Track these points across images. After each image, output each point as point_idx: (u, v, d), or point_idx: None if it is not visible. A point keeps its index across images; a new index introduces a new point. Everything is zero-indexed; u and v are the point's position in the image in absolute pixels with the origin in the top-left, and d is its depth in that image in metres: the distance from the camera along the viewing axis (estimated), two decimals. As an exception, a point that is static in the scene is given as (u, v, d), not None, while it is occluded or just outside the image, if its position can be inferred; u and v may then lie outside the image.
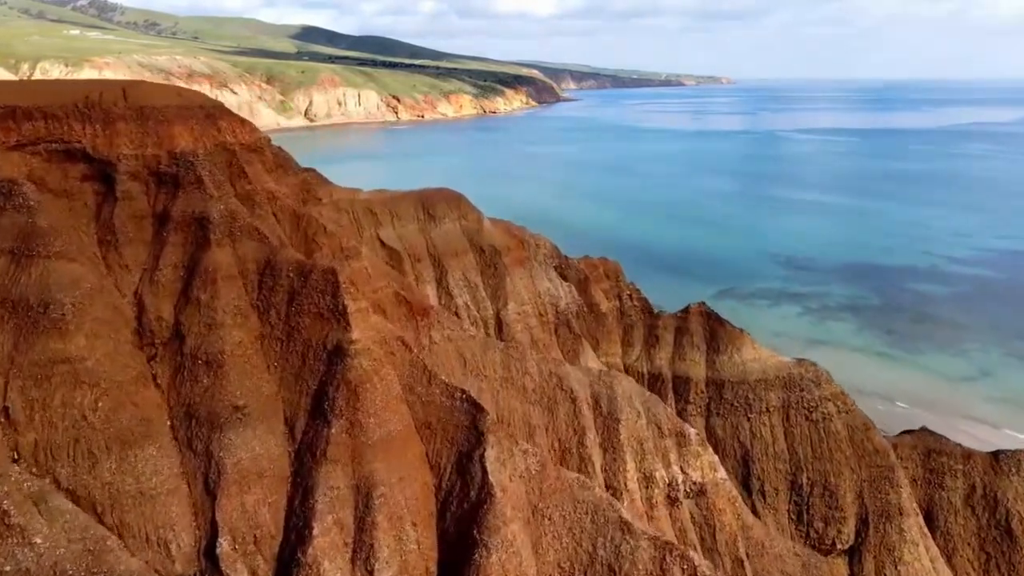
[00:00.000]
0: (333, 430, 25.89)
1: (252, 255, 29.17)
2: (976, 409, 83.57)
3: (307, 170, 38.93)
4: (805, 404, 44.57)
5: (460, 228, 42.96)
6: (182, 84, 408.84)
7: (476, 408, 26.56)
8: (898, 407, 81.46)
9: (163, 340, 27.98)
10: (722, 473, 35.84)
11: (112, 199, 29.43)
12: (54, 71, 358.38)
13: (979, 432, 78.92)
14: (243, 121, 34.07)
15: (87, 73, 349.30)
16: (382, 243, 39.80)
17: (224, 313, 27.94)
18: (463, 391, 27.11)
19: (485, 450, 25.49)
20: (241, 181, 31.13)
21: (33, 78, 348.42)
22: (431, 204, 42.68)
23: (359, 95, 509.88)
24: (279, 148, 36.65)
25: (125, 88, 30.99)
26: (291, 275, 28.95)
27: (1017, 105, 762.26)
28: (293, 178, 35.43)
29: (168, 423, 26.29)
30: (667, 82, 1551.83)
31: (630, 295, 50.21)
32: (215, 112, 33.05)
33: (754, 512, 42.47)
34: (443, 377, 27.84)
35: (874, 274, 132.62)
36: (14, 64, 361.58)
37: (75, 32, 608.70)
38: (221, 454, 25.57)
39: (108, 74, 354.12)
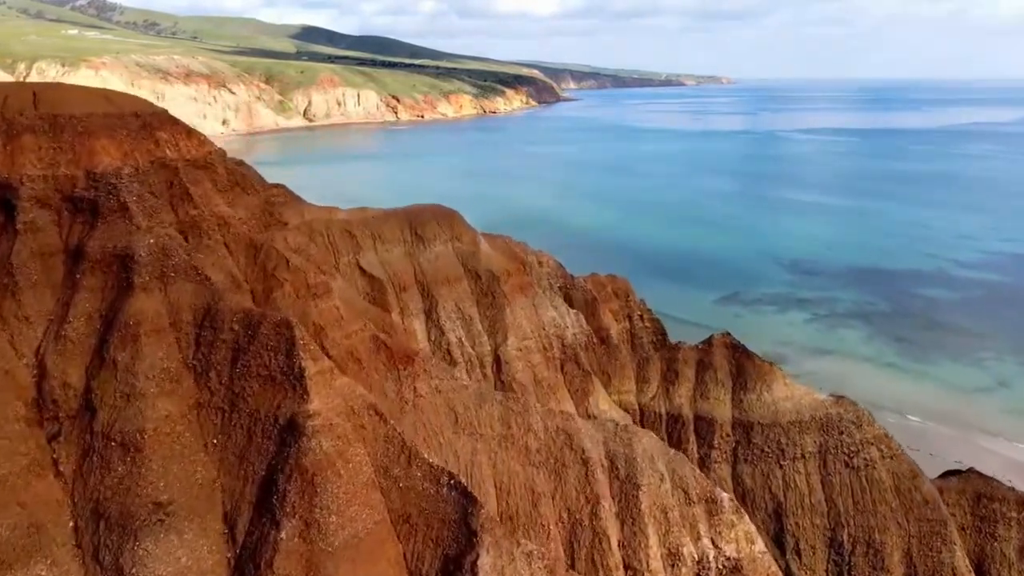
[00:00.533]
0: (283, 534, 20.20)
1: (188, 301, 23.56)
2: (992, 422, 78.71)
3: (274, 187, 33.46)
4: (845, 449, 39.25)
5: (453, 251, 36.73)
6: (180, 84, 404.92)
7: (467, 499, 21.08)
8: (911, 421, 76.62)
9: (69, 413, 22.27)
10: (760, 546, 30.46)
11: (12, 231, 23.50)
12: (51, 71, 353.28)
13: (995, 446, 74.37)
14: (190, 132, 28.57)
15: (83, 73, 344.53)
16: (362, 271, 33.93)
17: (147, 379, 22.23)
18: (451, 476, 21.64)
19: (479, 555, 20.09)
20: (185, 205, 25.64)
21: (29, 79, 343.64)
22: (419, 224, 36.44)
23: (358, 95, 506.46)
24: (238, 162, 31.11)
25: (36, 92, 25.37)
26: (236, 327, 23.49)
27: (1017, 105, 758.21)
28: (253, 198, 29.92)
29: (71, 524, 20.77)
30: (667, 82, 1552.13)
31: (641, 316, 44.54)
32: (153, 121, 27.39)
33: (788, 574, 37.21)
34: (426, 454, 22.14)
35: (880, 278, 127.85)
36: (11, 64, 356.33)
37: (73, 32, 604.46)
38: (134, 570, 20.02)
39: (105, 74, 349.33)
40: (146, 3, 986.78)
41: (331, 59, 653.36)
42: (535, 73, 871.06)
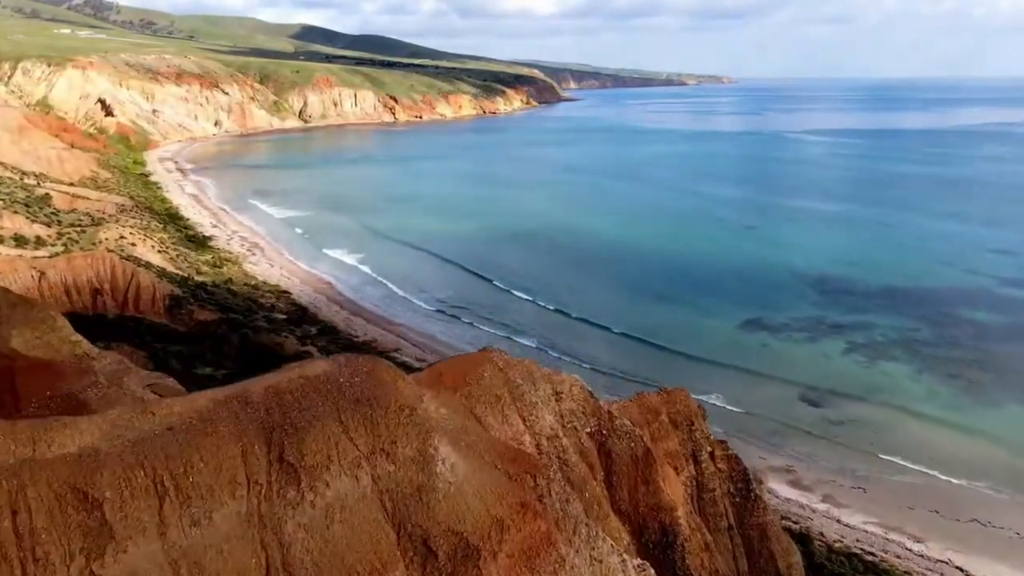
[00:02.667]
0: None
1: None
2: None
3: None
4: None
5: (370, 489, 16.70)
6: (171, 84, 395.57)
7: None
8: (981, 489, 63.85)
9: None
10: None
11: None
12: (36, 71, 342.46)
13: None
14: None
15: (69, 73, 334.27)
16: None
17: None
18: None
19: None
20: None
21: (14, 78, 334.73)
22: (293, 434, 16.42)
23: (355, 95, 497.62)
24: None
25: None
26: None
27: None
28: None
29: None
30: (668, 81, 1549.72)
31: (712, 452, 30.74)
32: None
33: None
34: None
35: (918, 299, 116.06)
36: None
37: (65, 31, 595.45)
38: None
39: (92, 74, 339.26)
40: (145, 2, 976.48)
41: (328, 59, 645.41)
42: (535, 73, 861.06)
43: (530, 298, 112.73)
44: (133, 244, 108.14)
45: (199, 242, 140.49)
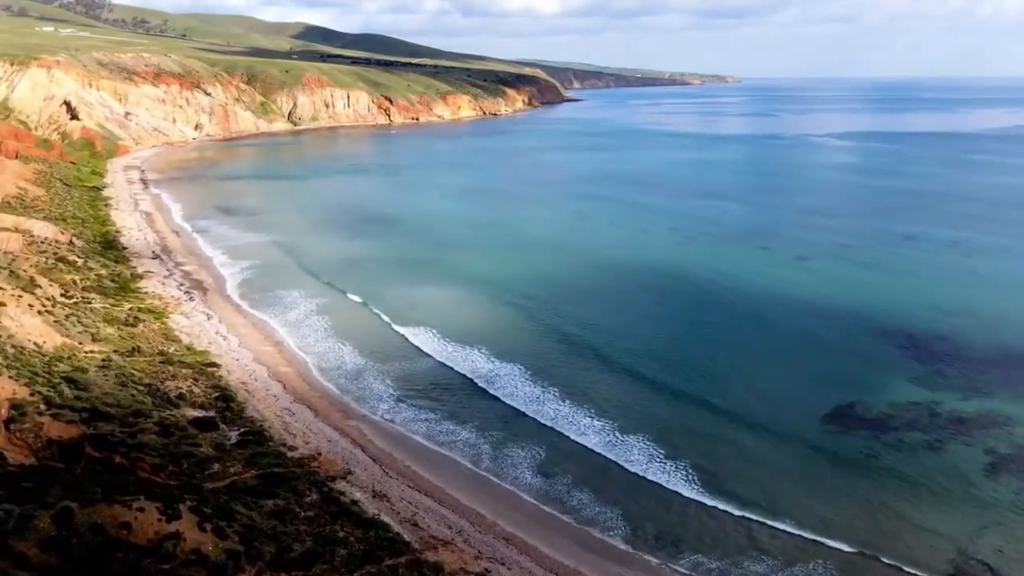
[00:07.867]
0: None
1: None
2: None
3: None
4: None
5: None
6: (148, 85, 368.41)
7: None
8: None
9: None
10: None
11: None
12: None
13: None
14: None
15: (33, 72, 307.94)
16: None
17: None
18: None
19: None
20: None
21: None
22: None
23: (348, 96, 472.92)
24: None
25: None
26: None
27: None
28: None
29: None
30: (672, 81, 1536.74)
31: None
32: None
33: None
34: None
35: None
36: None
37: (48, 29, 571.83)
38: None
39: (58, 73, 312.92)
40: (143, 1, 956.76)
41: (324, 58, 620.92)
42: (538, 72, 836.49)
43: (521, 397, 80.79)
44: (2, 304, 79.71)
45: (123, 284, 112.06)
